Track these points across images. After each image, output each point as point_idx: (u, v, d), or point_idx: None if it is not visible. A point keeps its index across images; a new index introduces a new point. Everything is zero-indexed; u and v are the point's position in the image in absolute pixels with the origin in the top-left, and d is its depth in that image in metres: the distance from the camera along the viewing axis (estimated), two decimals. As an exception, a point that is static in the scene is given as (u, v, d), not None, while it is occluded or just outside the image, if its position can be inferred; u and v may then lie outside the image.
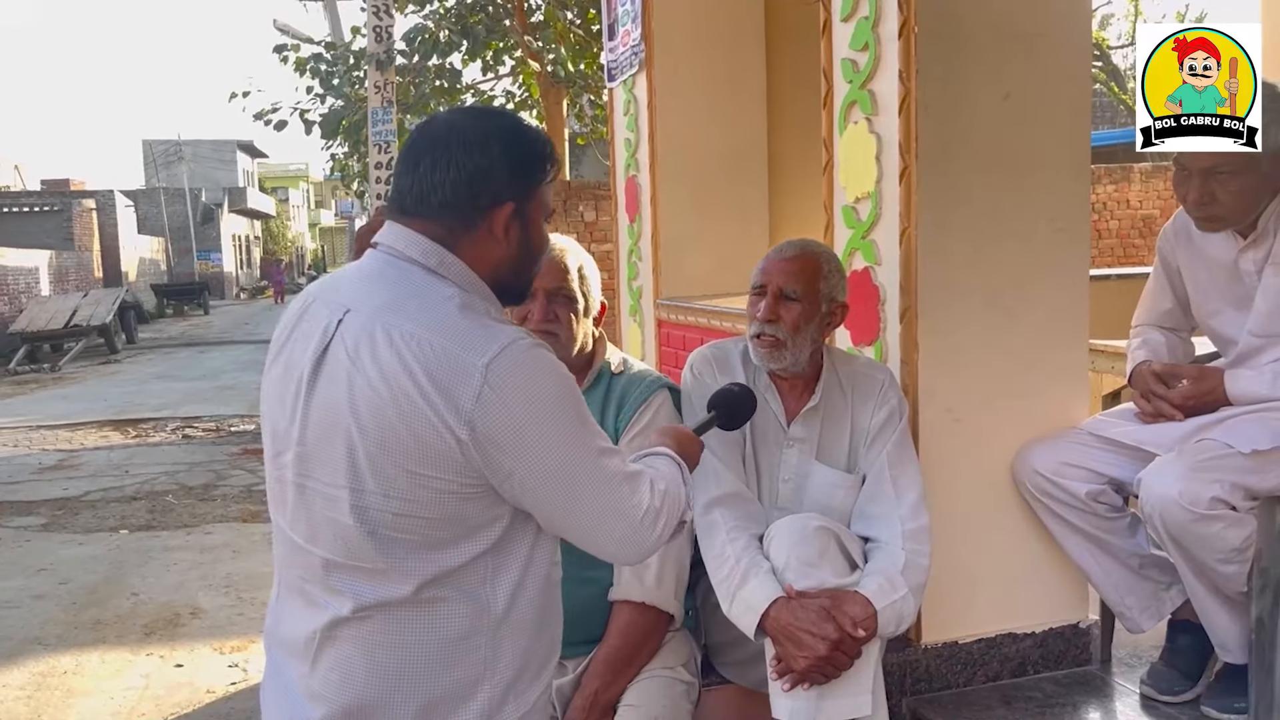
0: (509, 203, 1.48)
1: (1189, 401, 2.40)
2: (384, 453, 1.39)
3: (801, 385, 2.31)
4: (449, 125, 1.51)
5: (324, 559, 1.47)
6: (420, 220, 1.48)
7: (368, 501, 1.41)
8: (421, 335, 1.39)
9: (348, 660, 1.46)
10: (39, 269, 21.66)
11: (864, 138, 2.62)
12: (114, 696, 3.80)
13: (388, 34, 10.80)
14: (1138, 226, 12.17)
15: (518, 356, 1.39)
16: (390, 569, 1.43)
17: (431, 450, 1.38)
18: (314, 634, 1.48)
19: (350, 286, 1.51)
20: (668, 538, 1.56)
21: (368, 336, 1.41)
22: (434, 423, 1.36)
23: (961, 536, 2.55)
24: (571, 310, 2.21)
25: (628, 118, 4.74)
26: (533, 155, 1.51)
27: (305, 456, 1.46)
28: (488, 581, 1.47)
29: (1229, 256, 2.44)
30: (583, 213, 10.17)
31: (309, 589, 1.50)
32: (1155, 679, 2.50)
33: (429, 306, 1.42)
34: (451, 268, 1.47)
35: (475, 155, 1.46)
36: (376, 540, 1.42)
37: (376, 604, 1.44)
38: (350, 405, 1.40)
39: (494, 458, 1.39)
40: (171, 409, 11.25)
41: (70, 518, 6.52)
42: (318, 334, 1.47)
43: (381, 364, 1.39)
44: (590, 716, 2.09)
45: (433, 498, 1.40)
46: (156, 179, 45.06)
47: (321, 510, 1.45)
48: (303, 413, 1.46)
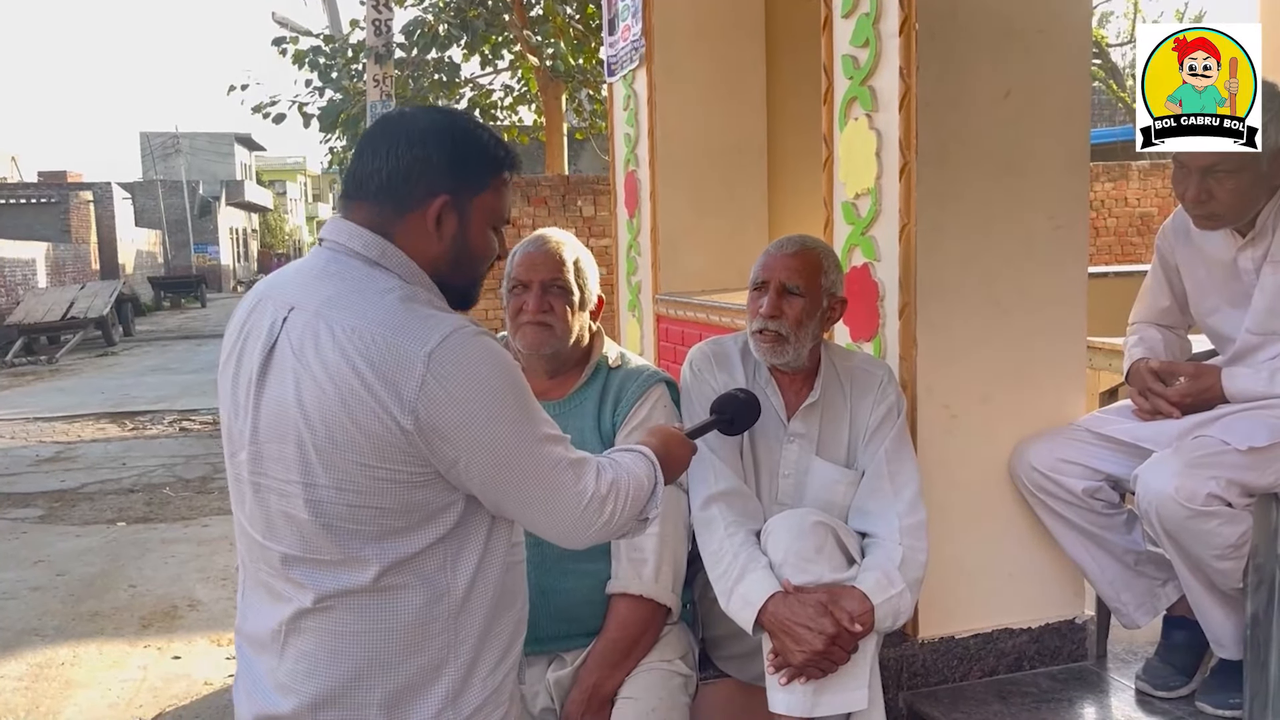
0: (443, 195, 1.50)
1: (1186, 399, 2.41)
2: (333, 447, 1.41)
3: (801, 381, 2.32)
4: (401, 117, 1.55)
5: (282, 553, 1.48)
6: (359, 206, 1.51)
7: (321, 495, 1.43)
8: (363, 328, 1.40)
9: (313, 651, 1.48)
10: (36, 261, 21.62)
11: (864, 134, 2.63)
12: (111, 688, 3.81)
13: (386, 27, 10.79)
14: (1135, 224, 12.19)
15: (460, 345, 1.41)
16: (347, 559, 1.45)
17: (379, 441, 1.39)
18: (280, 627, 1.50)
19: (295, 284, 1.52)
20: (618, 527, 1.58)
21: (312, 333, 1.43)
22: (379, 414, 1.38)
23: (958, 532, 2.56)
24: (567, 302, 2.21)
25: (627, 113, 4.74)
26: (478, 154, 1.53)
27: (258, 455, 1.48)
28: (447, 567, 1.49)
29: (1227, 255, 2.45)
30: (581, 207, 10.18)
31: (272, 583, 1.52)
32: (1150, 674, 2.51)
33: (370, 299, 1.44)
34: (393, 259, 1.49)
35: (415, 146, 1.49)
36: (332, 533, 1.44)
37: (337, 593, 1.46)
38: (298, 402, 1.42)
39: (438, 446, 1.41)
40: (168, 402, 11.24)
41: (67, 510, 6.52)
42: (264, 333, 1.49)
43: (325, 360, 1.41)
44: (588, 709, 2.10)
45: (384, 488, 1.42)
46: (154, 171, 45.03)
47: (276, 506, 1.47)
48: (253, 412, 1.48)
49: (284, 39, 14.48)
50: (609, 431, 2.25)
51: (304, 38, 14.73)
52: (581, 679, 2.13)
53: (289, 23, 14.88)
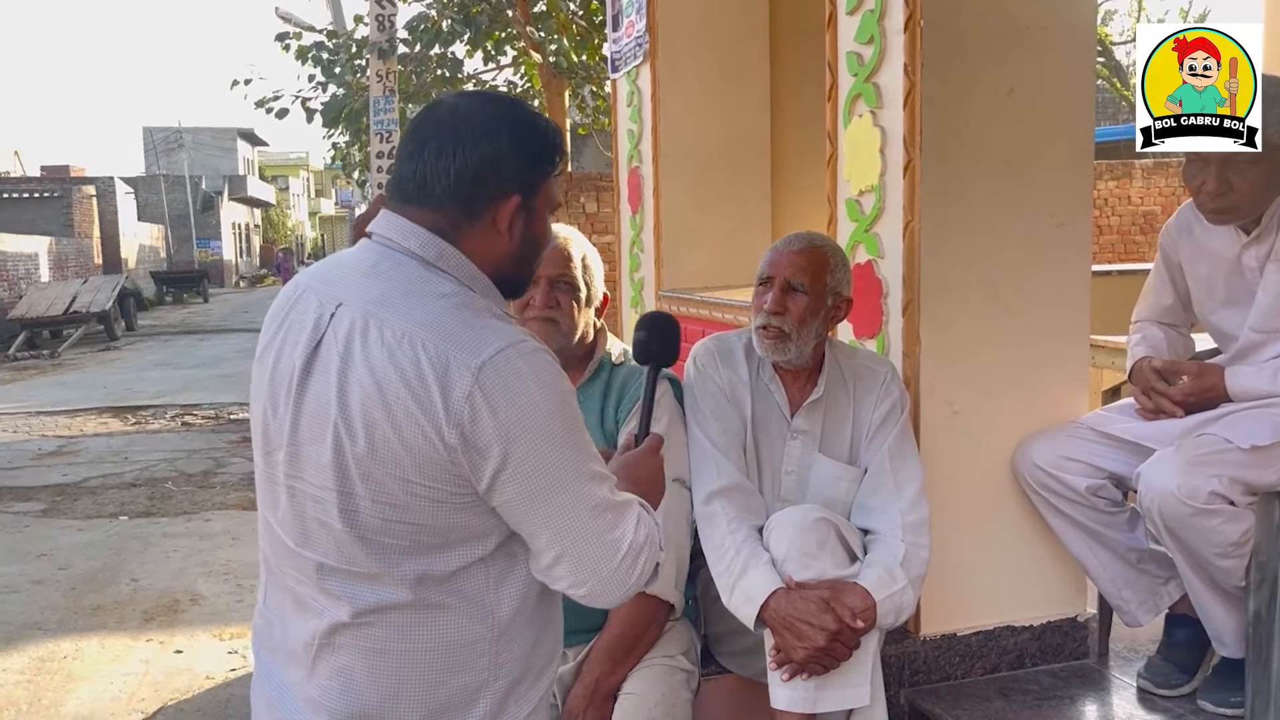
0: (515, 195, 1.41)
1: (1189, 398, 2.41)
2: (372, 457, 1.32)
3: (805, 377, 2.32)
4: (455, 110, 1.43)
5: (318, 563, 1.40)
6: (421, 209, 1.40)
7: (357, 505, 1.35)
8: (414, 333, 1.32)
9: (348, 668, 1.40)
10: (39, 255, 21.63)
11: (868, 131, 2.63)
12: (113, 682, 3.82)
13: (390, 22, 10.77)
14: (1138, 223, 12.18)
15: (514, 360, 1.32)
16: (384, 573, 1.37)
17: (420, 456, 1.31)
18: (312, 639, 1.42)
19: (343, 278, 1.43)
20: (643, 584, 1.46)
21: (360, 332, 1.34)
22: (423, 427, 1.30)
23: (961, 529, 2.56)
24: (573, 298, 2.22)
25: (631, 109, 4.74)
26: (543, 146, 1.44)
27: (295, 457, 1.40)
28: (491, 589, 1.41)
29: (1231, 252, 2.45)
30: (584, 204, 10.18)
31: (304, 593, 1.44)
32: (1152, 672, 2.51)
33: (423, 303, 1.35)
34: (450, 260, 1.40)
35: (483, 143, 1.38)
36: (367, 545, 1.36)
37: (375, 609, 1.38)
38: (339, 404, 1.34)
39: (478, 464, 1.32)
40: (170, 396, 11.25)
41: (70, 504, 6.53)
42: (309, 328, 1.40)
43: (372, 362, 1.32)
44: (591, 704, 2.10)
45: (422, 505, 1.34)
46: (157, 166, 45.00)
47: (312, 512, 1.39)
48: (294, 410, 1.39)
49: (287, 34, 14.47)
50: (612, 428, 2.26)
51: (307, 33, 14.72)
52: (584, 675, 2.14)
53: (292, 18, 14.87)
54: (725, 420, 2.29)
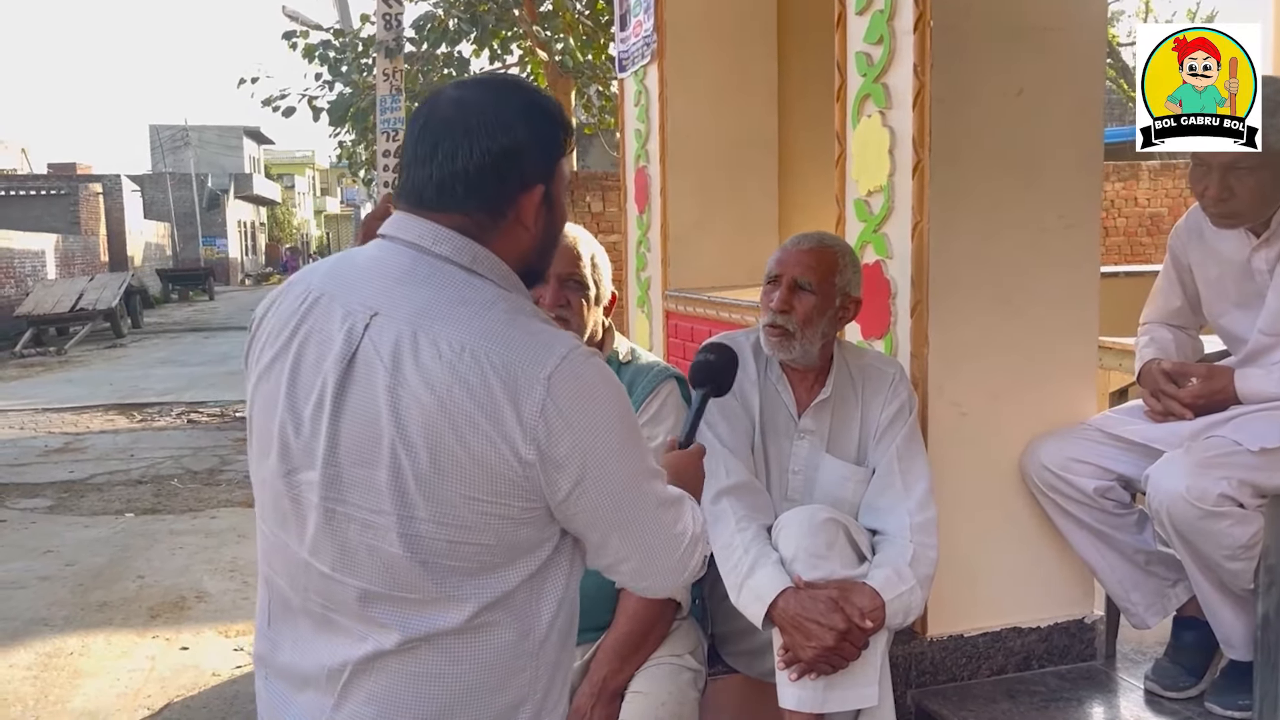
0: (539, 185, 1.35)
1: (1199, 400, 2.40)
2: (438, 475, 1.25)
3: (813, 377, 2.32)
4: (461, 105, 1.34)
5: (361, 589, 1.31)
6: (443, 214, 1.33)
7: (419, 529, 1.27)
8: (472, 344, 1.25)
9: (386, 695, 1.32)
10: (45, 252, 21.68)
11: (877, 131, 2.62)
12: (120, 678, 3.82)
13: (397, 21, 10.79)
14: (1145, 224, 12.15)
15: (577, 367, 1.28)
16: (443, 598, 1.30)
17: (492, 473, 1.25)
18: (344, 666, 1.33)
19: (370, 286, 1.34)
20: (697, 573, 1.48)
21: (409, 345, 1.26)
22: (495, 441, 1.24)
23: (969, 530, 2.56)
24: (583, 296, 2.22)
25: (638, 108, 4.74)
26: (556, 128, 1.38)
27: (336, 479, 1.30)
28: (533, 601, 1.36)
29: (1241, 255, 2.44)
30: (590, 203, 10.18)
31: (336, 619, 1.35)
32: (1160, 675, 2.51)
33: (475, 311, 1.28)
34: (485, 263, 1.33)
35: (500, 137, 1.31)
36: (429, 570, 1.29)
37: (426, 635, 1.31)
38: (395, 423, 1.25)
39: (554, 478, 1.28)
40: (176, 394, 11.27)
41: (76, 500, 6.55)
42: (339, 340, 1.30)
43: (430, 377, 1.25)
44: (598, 703, 2.10)
45: (490, 523, 1.28)
46: (163, 164, 45.11)
47: (359, 538, 1.30)
48: (329, 428, 1.29)
49: (294, 33, 14.51)
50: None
51: (314, 32, 14.76)
52: (591, 673, 2.14)
53: (299, 17, 14.91)
54: (733, 419, 2.29)
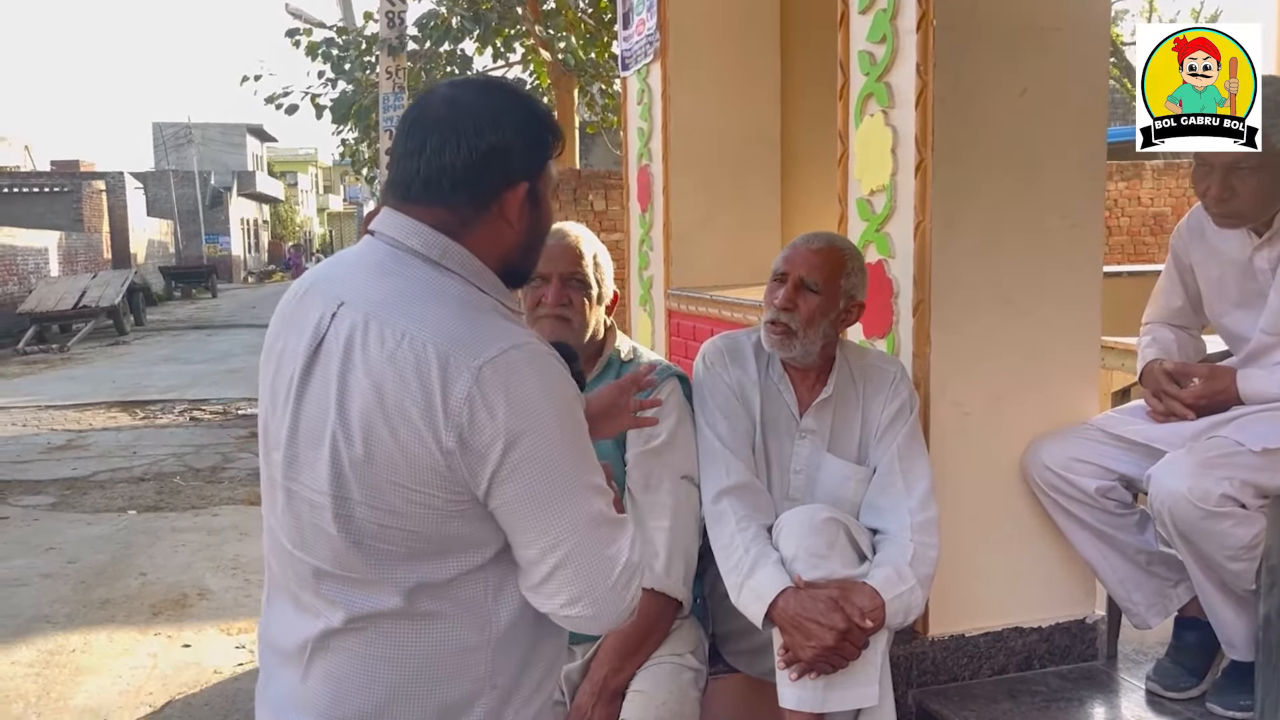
0: (523, 183, 1.38)
1: (1201, 400, 2.40)
2: (369, 462, 1.29)
3: (814, 377, 2.31)
4: (453, 103, 1.39)
5: (314, 567, 1.38)
6: (426, 207, 1.37)
7: (353, 511, 1.32)
8: (416, 334, 1.28)
9: (339, 674, 1.38)
10: (48, 250, 21.69)
11: (880, 130, 2.62)
12: (121, 675, 3.83)
13: (400, 19, 10.79)
14: (1148, 224, 12.14)
15: (516, 361, 1.28)
16: (379, 580, 1.34)
17: (417, 462, 1.28)
18: (306, 643, 1.40)
19: (347, 276, 1.40)
20: (632, 611, 1.40)
21: (361, 333, 1.31)
22: (421, 431, 1.27)
23: (970, 530, 2.55)
24: (585, 295, 2.22)
25: (641, 107, 4.74)
26: (544, 130, 1.42)
27: (294, 459, 1.37)
28: (490, 597, 1.38)
29: (1243, 254, 2.44)
30: (592, 201, 10.17)
31: (301, 595, 1.41)
32: (1161, 675, 2.51)
33: (429, 304, 1.32)
34: (455, 258, 1.36)
35: (487, 134, 1.35)
36: (363, 551, 1.33)
37: (369, 615, 1.35)
38: (339, 408, 1.30)
39: (475, 467, 1.28)
40: (179, 391, 11.28)
41: (79, 497, 6.55)
42: (311, 328, 1.37)
43: (371, 365, 1.29)
44: (599, 702, 2.10)
45: (418, 512, 1.31)
46: (166, 161, 45.13)
47: (308, 517, 1.36)
48: (293, 413, 1.36)
49: (297, 30, 14.52)
50: (621, 426, 2.25)
51: (317, 29, 14.77)
52: (592, 672, 2.14)
53: (302, 14, 14.91)
54: (734, 419, 2.29)
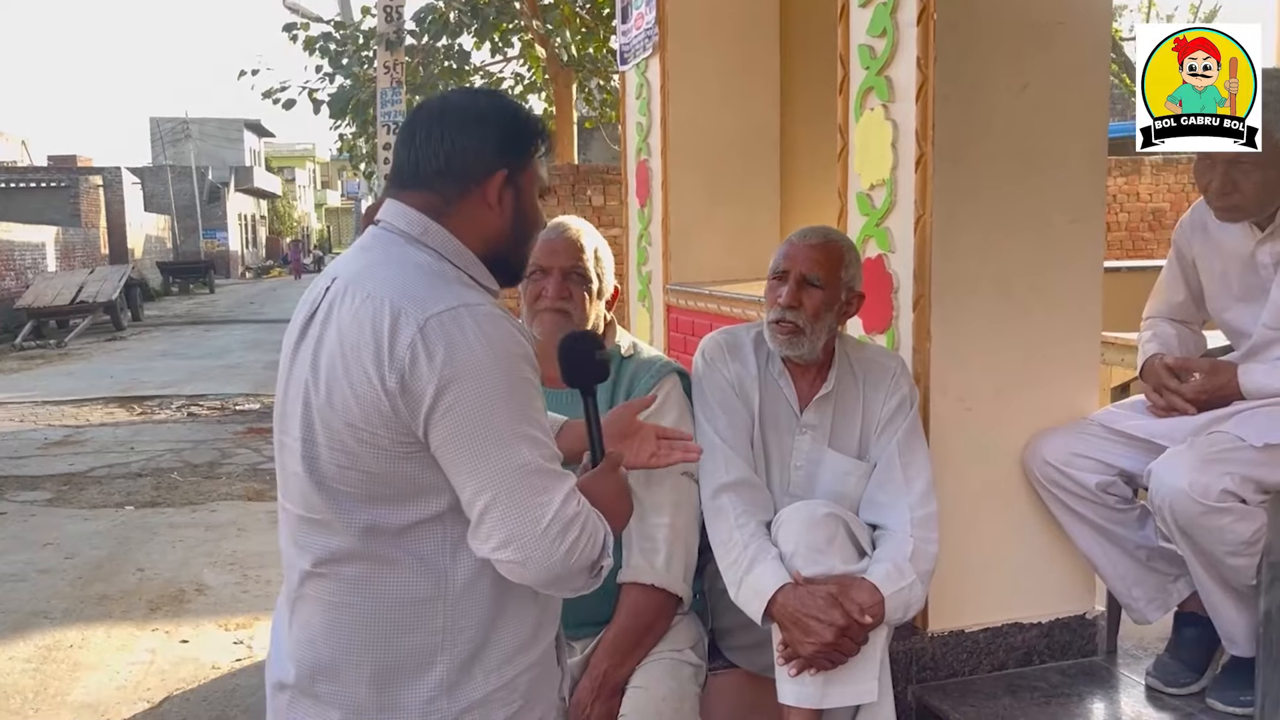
0: (501, 170, 1.52)
1: (1202, 395, 2.39)
2: (329, 406, 1.44)
3: (814, 372, 2.31)
4: (444, 101, 1.59)
5: (296, 515, 1.52)
6: (415, 192, 1.53)
7: (316, 452, 1.47)
8: (377, 292, 1.43)
9: (310, 620, 1.52)
10: (45, 245, 21.66)
11: (880, 124, 2.61)
12: (119, 671, 3.82)
13: (398, 14, 10.77)
14: (1147, 220, 12.14)
15: (461, 317, 1.41)
16: (337, 521, 1.46)
17: (365, 402, 1.41)
18: (292, 592, 1.55)
19: (345, 258, 1.59)
20: (576, 568, 1.44)
21: (339, 298, 1.48)
22: (369, 373, 1.40)
23: (970, 525, 2.55)
24: (585, 290, 2.22)
25: (640, 101, 4.72)
26: (524, 127, 1.57)
27: (284, 414, 1.54)
28: (447, 551, 1.47)
29: (1245, 249, 2.44)
30: (590, 197, 10.16)
31: (289, 548, 1.56)
32: (1161, 671, 2.50)
33: (396, 270, 1.47)
34: (434, 236, 1.51)
35: (469, 127, 1.52)
36: (324, 491, 1.47)
37: (329, 559, 1.48)
38: (313, 363, 1.47)
39: (415, 409, 1.40)
40: (176, 387, 11.27)
41: (76, 493, 6.55)
42: (309, 302, 1.56)
43: (341, 324, 1.45)
44: (599, 697, 2.10)
45: (369, 452, 1.43)
46: (163, 157, 45.07)
47: (290, 465, 1.52)
48: (287, 371, 1.55)
49: (295, 25, 14.48)
50: (620, 420, 2.25)
51: (315, 24, 14.74)
52: (592, 667, 2.13)
53: (300, 8, 14.87)
54: (733, 414, 2.28)
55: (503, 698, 1.52)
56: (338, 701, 1.49)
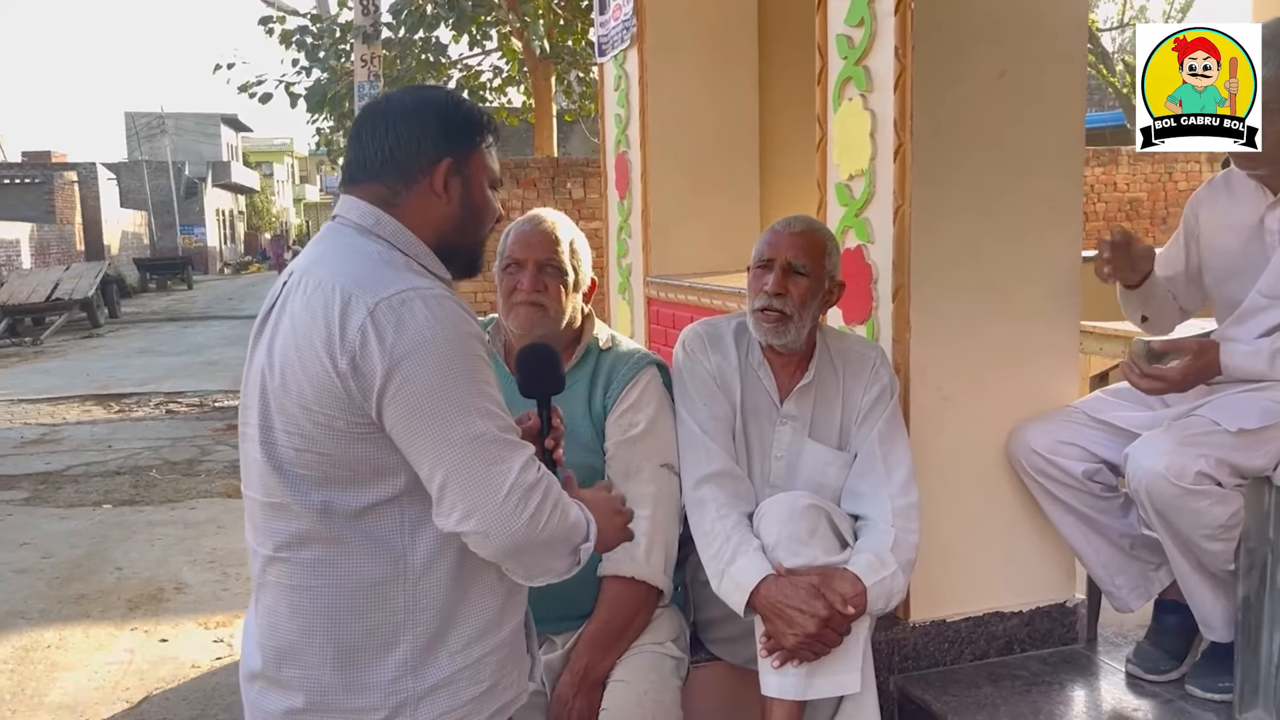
0: (446, 158, 1.56)
1: (1188, 376, 2.37)
2: (284, 390, 1.47)
3: (794, 363, 2.30)
4: (387, 98, 1.63)
5: (258, 502, 1.55)
6: (364, 186, 1.57)
7: (274, 437, 1.50)
8: (327, 279, 1.47)
9: (275, 604, 1.54)
10: (20, 242, 21.45)
11: (858, 114, 2.61)
12: (98, 671, 3.79)
13: (374, 7, 10.69)
14: (1125, 209, 12.18)
15: (411, 301, 1.43)
16: (295, 504, 1.49)
17: (318, 384, 1.44)
18: (256, 579, 1.58)
19: (304, 252, 1.63)
20: (545, 539, 1.47)
21: (294, 289, 1.52)
22: (321, 357, 1.43)
23: (950, 515, 2.55)
24: (561, 283, 2.20)
25: (618, 93, 4.70)
26: (467, 118, 1.60)
27: (244, 404, 1.57)
28: (405, 533, 1.50)
29: (1255, 214, 2.39)
30: (570, 189, 10.13)
31: (253, 534, 1.58)
32: (1141, 658, 2.52)
33: (348, 258, 1.51)
34: (385, 227, 1.54)
35: (410, 118, 1.56)
36: (281, 475, 1.49)
37: (288, 542, 1.50)
38: (268, 351, 1.51)
39: (367, 390, 1.42)
40: (154, 384, 11.17)
41: (53, 492, 6.48)
42: (270, 297, 1.59)
43: (294, 312, 1.49)
44: (580, 691, 2.09)
45: (323, 434, 1.46)
46: (139, 152, 44.66)
47: (251, 453, 1.54)
48: (248, 363, 1.58)
49: (271, 18, 14.35)
50: (600, 414, 2.24)
51: (291, 17, 14.61)
52: (573, 661, 2.12)
53: (276, 2, 14.75)
54: (714, 405, 2.28)
55: (469, 677, 1.54)
56: (303, 685, 1.51)
